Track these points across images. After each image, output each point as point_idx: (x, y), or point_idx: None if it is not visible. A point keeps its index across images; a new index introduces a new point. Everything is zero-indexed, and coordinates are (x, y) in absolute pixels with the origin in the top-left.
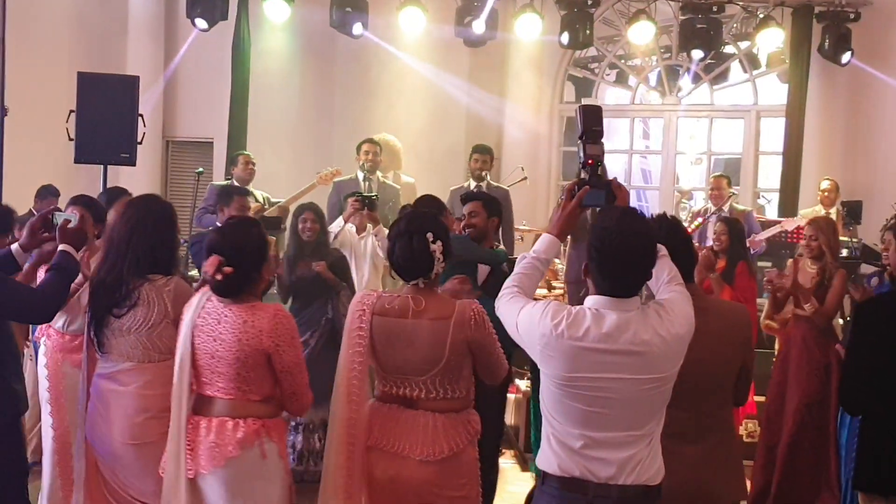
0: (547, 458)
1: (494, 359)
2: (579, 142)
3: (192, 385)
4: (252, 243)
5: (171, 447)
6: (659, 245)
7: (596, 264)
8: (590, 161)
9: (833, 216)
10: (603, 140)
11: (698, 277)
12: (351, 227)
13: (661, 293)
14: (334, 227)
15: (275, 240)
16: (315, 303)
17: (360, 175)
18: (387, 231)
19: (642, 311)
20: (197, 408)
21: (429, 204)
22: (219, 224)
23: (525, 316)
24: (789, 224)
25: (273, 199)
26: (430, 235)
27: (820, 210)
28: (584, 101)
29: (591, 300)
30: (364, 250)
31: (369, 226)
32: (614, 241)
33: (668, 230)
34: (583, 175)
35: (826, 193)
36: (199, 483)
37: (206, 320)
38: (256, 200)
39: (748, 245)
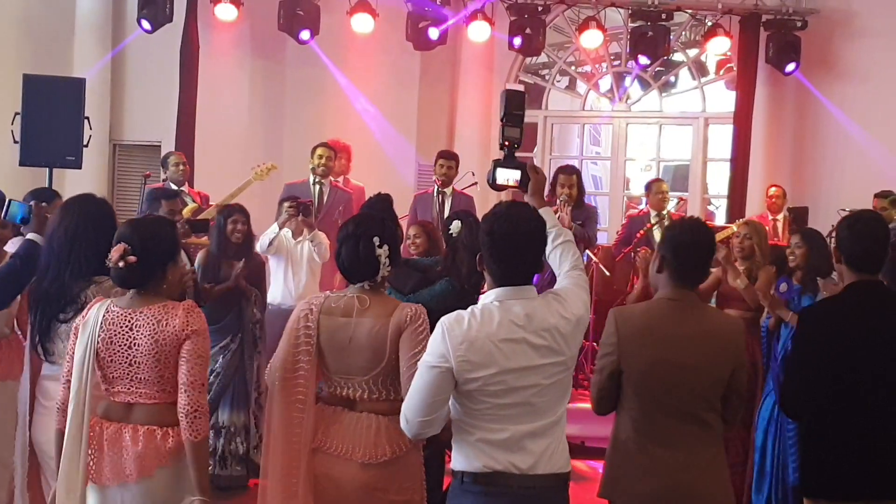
0: (466, 458)
1: (417, 360)
2: (500, 123)
3: (101, 393)
4: (161, 239)
5: (68, 456)
6: (565, 230)
7: (488, 251)
8: (507, 143)
9: (780, 222)
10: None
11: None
12: (287, 233)
13: (560, 279)
14: (269, 232)
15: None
16: (232, 308)
17: (312, 179)
18: (323, 236)
19: (543, 299)
20: (114, 414)
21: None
22: None
23: (426, 362)
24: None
25: (212, 202)
26: (376, 240)
27: (767, 216)
28: (509, 87)
29: (492, 294)
30: (300, 256)
31: (305, 231)
32: (504, 225)
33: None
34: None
35: (774, 199)
36: (120, 492)
37: (113, 331)
38: (193, 201)
39: None
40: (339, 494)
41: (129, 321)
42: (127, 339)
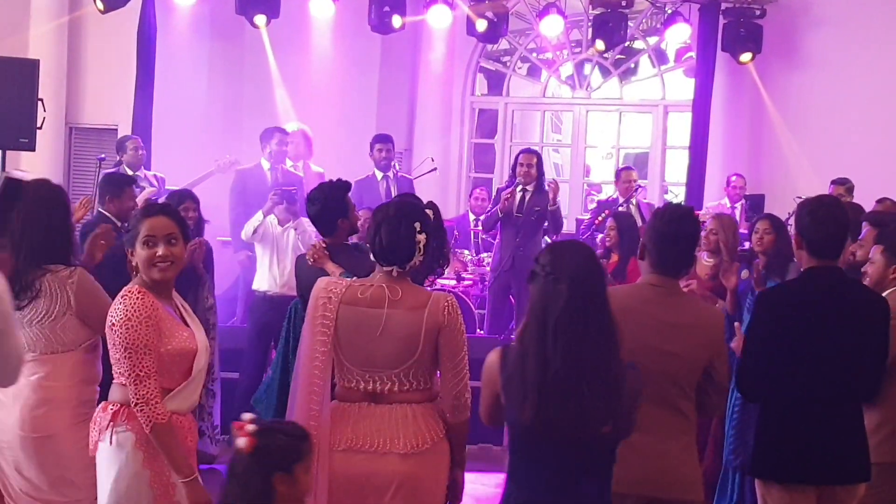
0: None
1: (461, 366)
2: None
3: None
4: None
5: None
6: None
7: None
8: None
9: (738, 210)
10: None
11: None
12: (273, 219)
13: None
14: (254, 220)
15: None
16: (188, 293)
17: (266, 165)
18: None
19: None
20: None
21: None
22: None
23: None
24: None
25: (168, 186)
26: (417, 225)
27: (726, 203)
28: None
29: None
30: (286, 243)
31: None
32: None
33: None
34: None
35: (734, 188)
36: None
37: None
38: (151, 185)
39: None
40: (372, 489)
41: None
42: None
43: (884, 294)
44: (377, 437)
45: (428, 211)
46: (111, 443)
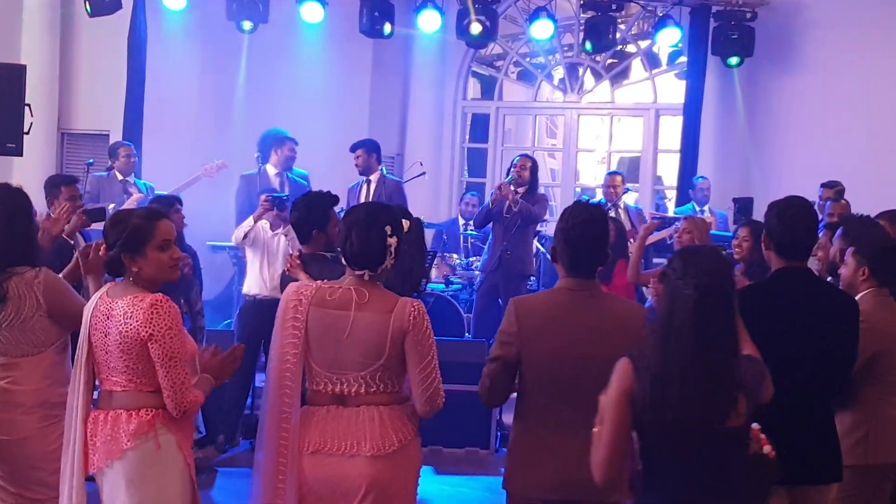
0: None
1: (428, 370)
2: None
3: (96, 382)
4: (120, 230)
5: (65, 444)
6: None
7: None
8: None
9: (706, 213)
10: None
11: None
12: (264, 224)
13: None
14: (244, 225)
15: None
16: (179, 298)
17: (273, 171)
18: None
19: None
20: (102, 402)
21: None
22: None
23: None
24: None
25: (157, 192)
26: (388, 229)
27: (696, 208)
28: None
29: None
30: (276, 248)
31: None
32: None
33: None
34: None
35: (703, 192)
36: (100, 478)
37: (97, 318)
38: (140, 191)
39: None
40: (341, 492)
41: (108, 310)
42: (104, 327)
43: (857, 297)
44: (344, 440)
45: (405, 221)
46: (158, 446)
